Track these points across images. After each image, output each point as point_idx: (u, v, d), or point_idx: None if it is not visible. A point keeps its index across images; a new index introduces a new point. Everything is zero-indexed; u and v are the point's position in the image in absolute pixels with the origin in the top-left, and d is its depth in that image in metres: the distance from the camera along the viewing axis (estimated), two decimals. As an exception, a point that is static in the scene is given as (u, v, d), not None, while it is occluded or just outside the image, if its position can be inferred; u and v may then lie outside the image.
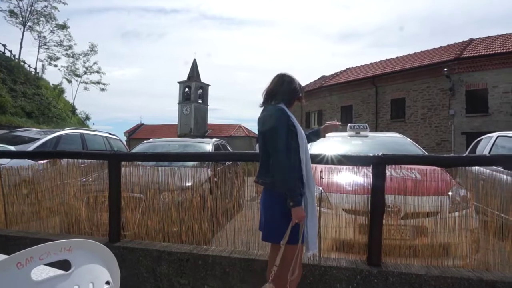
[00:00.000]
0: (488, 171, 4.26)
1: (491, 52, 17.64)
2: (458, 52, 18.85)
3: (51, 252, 0.80)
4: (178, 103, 46.78)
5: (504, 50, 17.24)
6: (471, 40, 21.14)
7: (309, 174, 2.17)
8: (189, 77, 46.83)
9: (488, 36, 20.89)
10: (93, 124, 37.99)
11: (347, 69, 29.51)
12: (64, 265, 0.85)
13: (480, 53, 18.00)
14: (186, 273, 2.95)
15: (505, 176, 2.82)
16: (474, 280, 2.44)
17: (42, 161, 3.89)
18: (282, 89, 2.25)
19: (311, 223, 2.14)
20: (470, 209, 2.85)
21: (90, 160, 3.80)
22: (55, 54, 33.71)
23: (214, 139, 7.02)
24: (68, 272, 0.83)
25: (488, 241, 2.70)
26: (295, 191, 2.03)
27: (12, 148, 5.94)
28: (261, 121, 2.23)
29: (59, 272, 0.85)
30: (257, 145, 2.58)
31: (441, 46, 22.91)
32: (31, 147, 6.21)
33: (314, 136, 2.53)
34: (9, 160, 4.68)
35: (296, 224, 2.07)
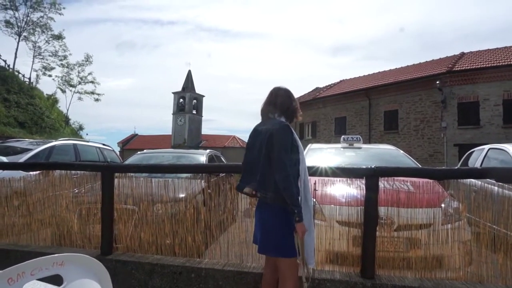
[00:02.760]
0: (480, 183, 4.29)
1: (482, 66, 17.97)
2: (450, 65, 19.18)
3: (42, 267, 0.79)
4: (173, 114, 46.76)
5: (495, 64, 17.57)
6: (463, 54, 21.54)
7: (307, 189, 2.18)
8: (183, 88, 46.93)
9: (479, 50, 21.31)
10: (87, 134, 37.85)
11: (340, 81, 29.81)
12: (56, 279, 0.84)
13: (472, 67, 18.32)
14: (179, 286, 2.92)
15: (496, 188, 2.84)
16: (467, 292, 2.45)
17: (34, 172, 3.85)
18: (285, 105, 2.30)
19: (309, 238, 2.14)
20: (463, 221, 2.87)
21: (83, 172, 3.78)
22: (49, 64, 33.75)
23: (208, 150, 7.01)
24: (60, 287, 0.82)
25: (480, 253, 2.71)
26: (300, 207, 2.04)
27: (4, 159, 5.88)
28: (265, 133, 2.19)
29: (50, 287, 0.85)
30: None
31: (433, 59, 23.29)
32: (23, 158, 6.16)
33: None
34: (0, 171, 4.63)
35: (292, 237, 2.08)
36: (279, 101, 2.30)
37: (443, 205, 3.06)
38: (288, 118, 2.31)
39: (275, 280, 2.29)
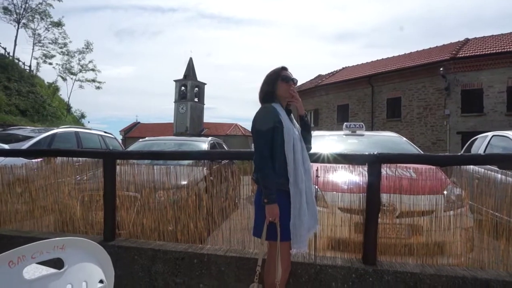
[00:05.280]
0: (482, 170, 4.28)
1: (486, 52, 17.74)
2: (453, 52, 18.95)
3: (43, 251, 0.79)
4: (174, 102, 46.69)
5: (499, 50, 17.35)
6: (467, 40, 21.26)
7: (297, 172, 2.12)
8: (185, 76, 46.73)
9: (483, 36, 21.02)
10: (88, 122, 37.84)
11: (343, 68, 29.55)
12: (57, 263, 0.84)
13: (476, 53, 18.10)
14: (182, 272, 2.94)
15: (499, 175, 2.82)
16: (469, 278, 2.46)
17: (36, 160, 3.86)
18: (264, 88, 2.30)
19: (298, 221, 2.09)
20: (465, 208, 2.87)
21: (85, 159, 3.78)
22: (50, 52, 33.44)
23: (210, 138, 7.01)
24: (61, 270, 0.82)
25: (482, 240, 2.72)
26: (270, 189, 2.06)
27: (6, 146, 5.90)
28: None
29: (52, 270, 0.84)
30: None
31: (437, 46, 23.01)
32: (25, 145, 6.17)
33: (302, 128, 2.38)
34: (3, 158, 4.64)
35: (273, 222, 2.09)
36: (262, 88, 2.32)
37: (445, 192, 3.06)
38: (271, 96, 2.26)
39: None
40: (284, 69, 2.32)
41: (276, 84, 2.26)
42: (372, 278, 2.58)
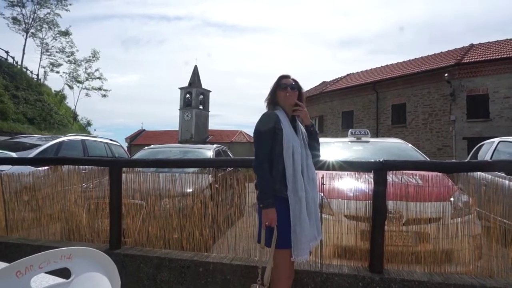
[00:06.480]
0: (490, 176, 4.25)
1: (491, 58, 17.68)
2: (458, 58, 18.90)
3: (50, 261, 0.79)
4: (179, 109, 46.93)
5: (505, 56, 17.28)
6: (472, 46, 21.20)
7: (296, 179, 2.10)
8: (190, 83, 47.02)
9: (488, 42, 20.97)
10: (95, 130, 38.23)
11: (347, 74, 29.57)
12: (64, 273, 0.84)
13: (481, 59, 18.04)
14: (187, 280, 2.93)
15: (507, 182, 2.80)
16: (477, 287, 2.42)
17: (43, 168, 3.89)
18: (265, 100, 2.32)
19: (299, 228, 2.07)
20: (473, 215, 2.84)
21: (91, 167, 3.80)
22: (57, 61, 33.99)
23: (215, 145, 7.03)
24: (68, 280, 0.83)
25: (491, 248, 2.68)
26: (265, 194, 2.07)
27: (13, 154, 5.95)
28: None
29: (59, 280, 0.85)
30: None
31: (441, 52, 22.97)
32: (32, 153, 6.22)
33: (309, 138, 2.35)
34: (10, 166, 4.68)
35: (270, 227, 2.08)
36: (266, 98, 2.33)
37: (452, 199, 3.03)
38: (274, 105, 2.28)
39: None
40: (282, 77, 2.31)
41: (276, 93, 2.28)
42: (379, 286, 2.56)
